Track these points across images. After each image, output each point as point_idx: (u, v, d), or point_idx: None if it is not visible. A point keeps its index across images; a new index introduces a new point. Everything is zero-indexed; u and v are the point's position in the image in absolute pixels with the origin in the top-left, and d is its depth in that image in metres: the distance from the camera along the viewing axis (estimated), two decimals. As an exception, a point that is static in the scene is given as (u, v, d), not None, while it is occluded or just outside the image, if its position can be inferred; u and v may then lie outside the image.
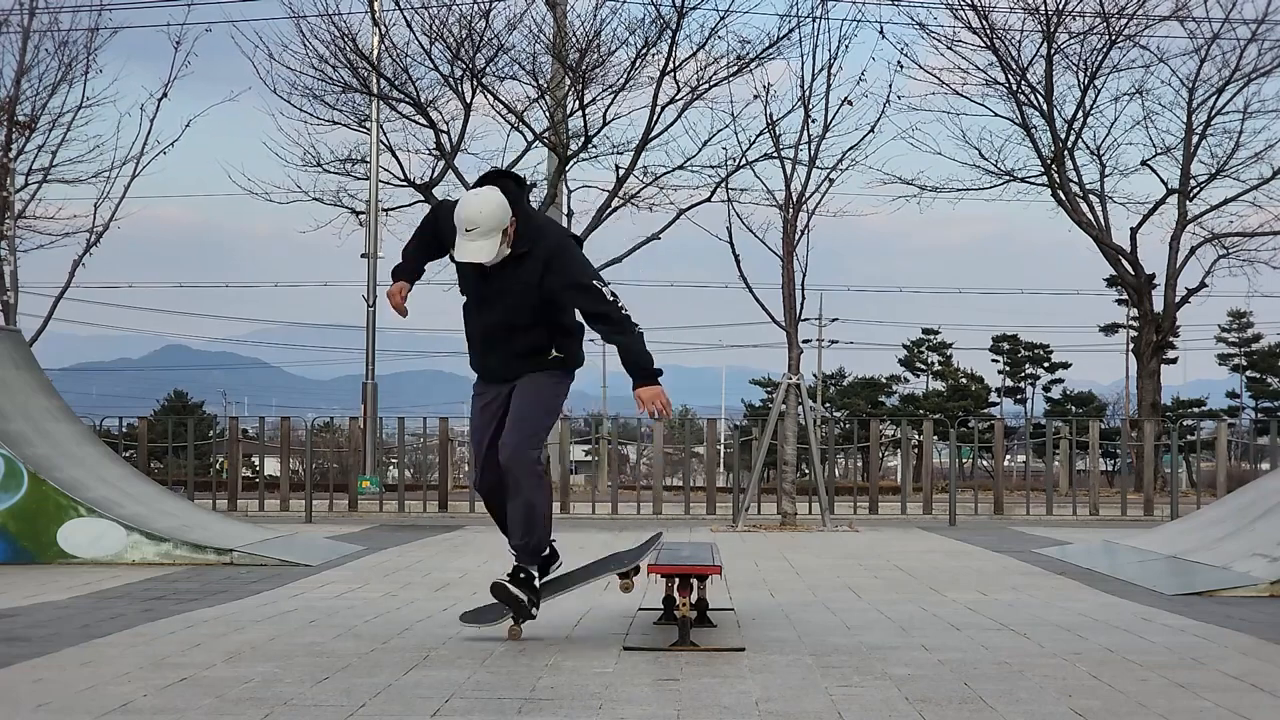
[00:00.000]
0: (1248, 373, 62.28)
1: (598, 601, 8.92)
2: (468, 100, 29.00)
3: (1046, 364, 62.79)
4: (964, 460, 29.21)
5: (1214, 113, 32.11)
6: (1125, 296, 43.12)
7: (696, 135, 49.52)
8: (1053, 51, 30.94)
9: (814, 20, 19.56)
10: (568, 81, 28.80)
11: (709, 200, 28.85)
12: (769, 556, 12.84)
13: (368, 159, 29.00)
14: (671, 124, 29.39)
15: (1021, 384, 63.59)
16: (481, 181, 6.91)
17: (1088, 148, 32.61)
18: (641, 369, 6.81)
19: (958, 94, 31.44)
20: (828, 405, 55.62)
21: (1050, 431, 26.57)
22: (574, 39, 28.32)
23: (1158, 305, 32.83)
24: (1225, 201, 32.72)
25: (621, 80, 28.92)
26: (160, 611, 8.33)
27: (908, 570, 11.48)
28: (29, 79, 26.43)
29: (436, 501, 21.28)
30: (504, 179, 6.89)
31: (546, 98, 29.51)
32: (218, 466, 28.74)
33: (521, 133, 29.97)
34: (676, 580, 7.04)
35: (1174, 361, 51.10)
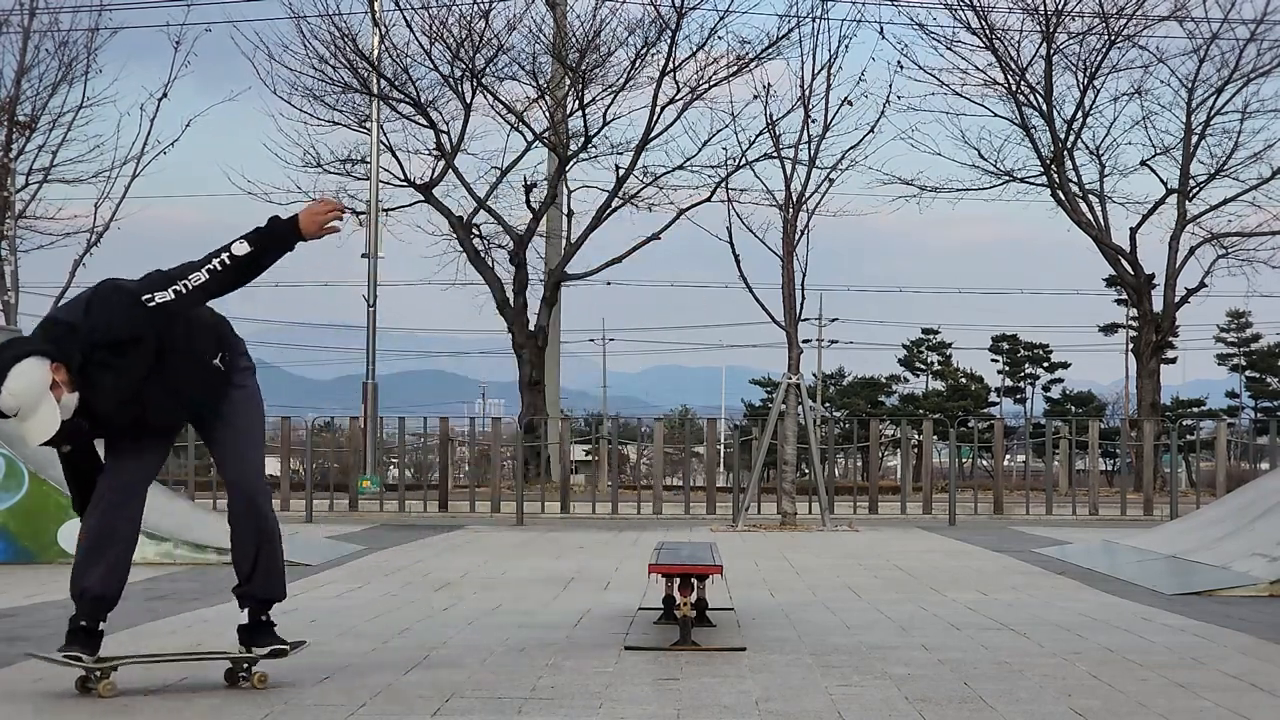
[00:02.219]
0: (1247, 373, 62.23)
1: (598, 601, 8.93)
2: (468, 100, 29.02)
3: (1046, 364, 62.72)
4: (964, 460, 29.21)
5: (1213, 113, 32.13)
6: (1125, 296, 43.13)
7: (696, 135, 49.50)
8: (1052, 52, 30.95)
9: (813, 20, 19.62)
10: (568, 81, 28.80)
11: (709, 200, 28.88)
12: (769, 556, 12.85)
13: (368, 159, 29.02)
14: (671, 124, 29.44)
15: (1021, 384, 63.53)
16: None
17: (1087, 148, 32.64)
18: (264, 231, 5.71)
19: (957, 94, 31.48)
20: (828, 405, 55.61)
21: (1050, 431, 26.56)
22: (574, 39, 28.34)
23: (1157, 305, 32.83)
24: (1224, 201, 32.74)
25: (621, 80, 28.96)
26: (161, 611, 8.34)
27: (908, 570, 11.49)
28: (29, 79, 26.49)
29: (436, 501, 21.28)
30: (21, 341, 5.69)
31: (546, 98, 29.53)
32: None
33: (521, 133, 30.00)
34: (677, 580, 7.04)
35: (1173, 361, 51.07)
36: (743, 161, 25.89)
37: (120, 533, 5.91)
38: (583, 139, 29.34)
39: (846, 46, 19.24)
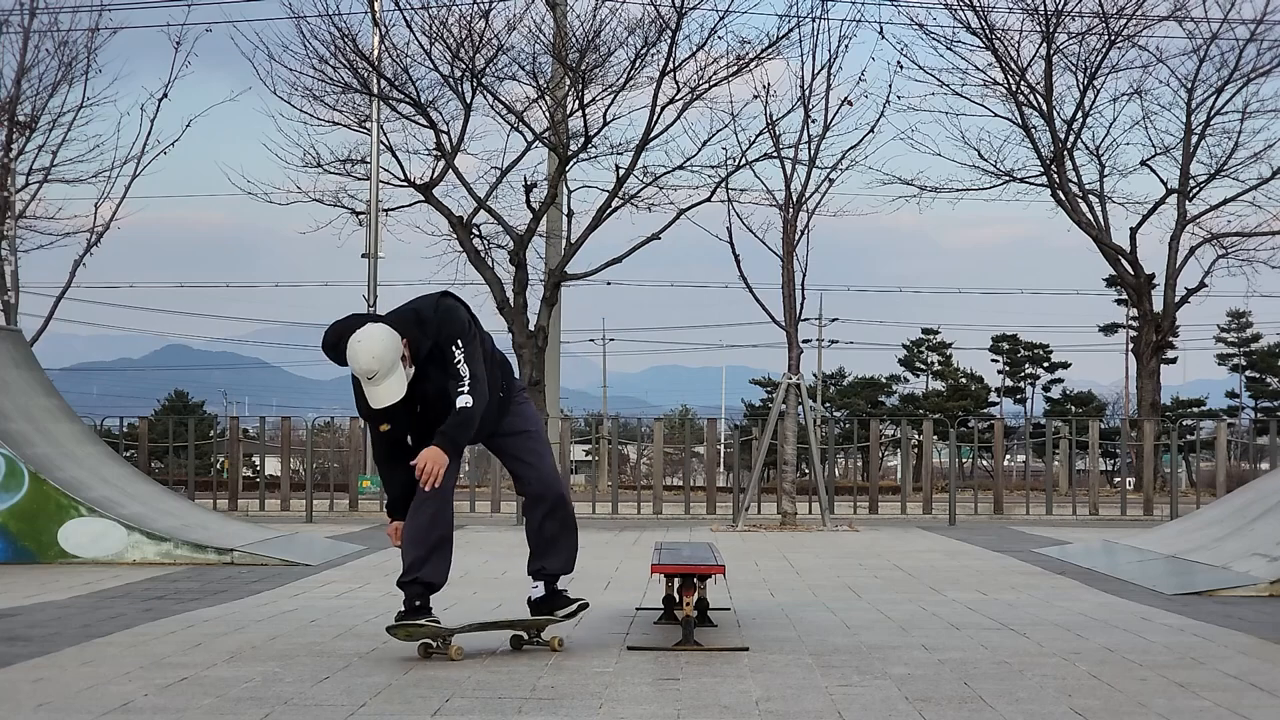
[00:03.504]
0: (1247, 373, 62.27)
1: (598, 601, 8.94)
2: (468, 100, 29.01)
3: (1046, 364, 62.78)
4: (964, 460, 29.21)
5: (1213, 113, 32.13)
6: (1125, 296, 43.13)
7: (696, 135, 49.56)
8: (1052, 52, 30.95)
9: (813, 20, 19.60)
10: (568, 81, 28.81)
11: (709, 200, 28.85)
12: (769, 556, 12.85)
13: (368, 159, 29.01)
14: (671, 124, 29.38)
15: (1021, 384, 63.58)
16: (345, 326, 6.44)
17: (1087, 148, 32.64)
18: (449, 433, 6.53)
19: (957, 94, 31.48)
20: (828, 405, 55.62)
21: (1050, 431, 26.56)
22: (574, 39, 28.33)
23: (1157, 305, 32.84)
24: (1224, 201, 32.76)
25: (621, 80, 28.93)
26: (161, 611, 8.33)
27: (908, 570, 11.49)
28: (29, 79, 26.45)
29: (436, 501, 21.28)
30: (367, 318, 6.58)
31: (546, 98, 29.53)
32: (218, 466, 28.73)
33: (521, 133, 29.97)
34: (678, 580, 7.04)
35: (1173, 361, 51.13)
36: (743, 161, 25.89)
37: (444, 535, 6.91)
38: (583, 139, 29.32)
39: (846, 46, 19.24)
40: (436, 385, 6.51)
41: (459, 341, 6.50)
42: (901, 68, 28.28)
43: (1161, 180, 32.95)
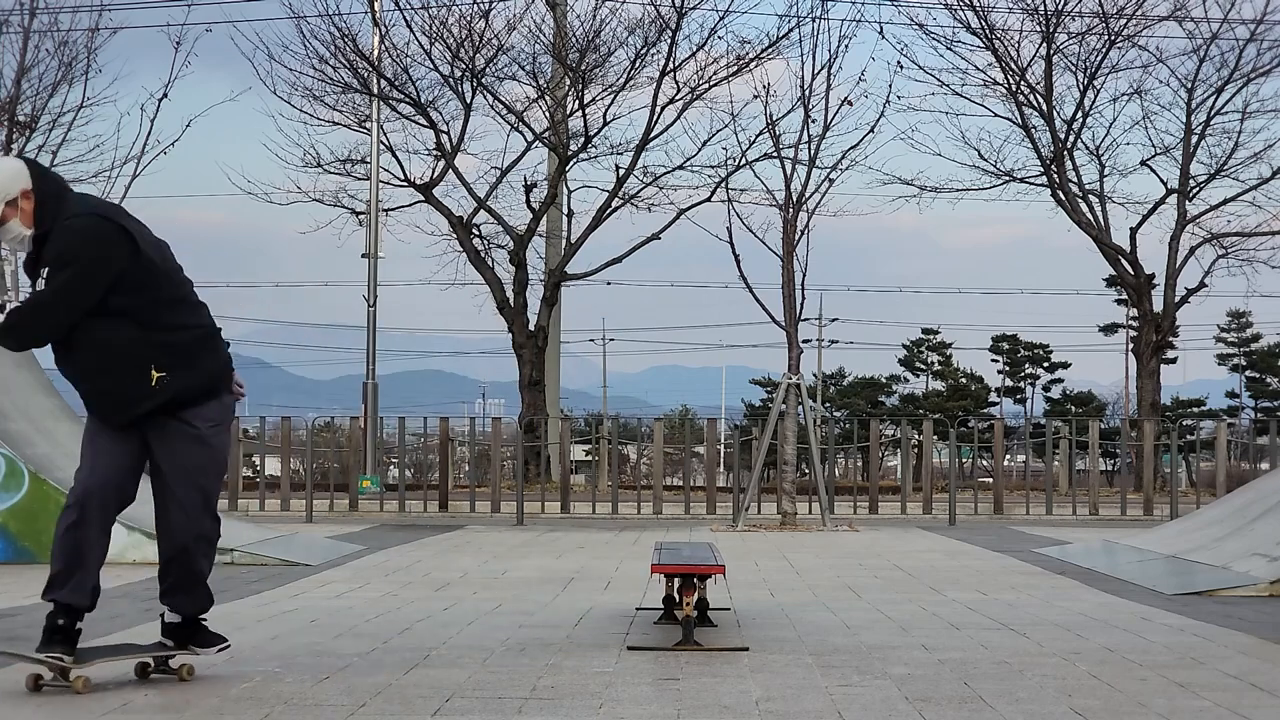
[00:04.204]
0: (1247, 373, 62.26)
1: (598, 601, 8.93)
2: (468, 100, 29.04)
3: (1046, 364, 62.76)
4: (964, 460, 29.21)
5: (1213, 113, 32.14)
6: (1125, 296, 43.14)
7: (696, 135, 49.60)
8: (1052, 52, 30.96)
9: (813, 20, 19.62)
10: (568, 81, 28.83)
11: (709, 200, 28.91)
12: (769, 556, 12.85)
13: (368, 159, 29.02)
14: (671, 124, 29.47)
15: (1021, 384, 63.56)
16: None
17: (1087, 148, 32.65)
18: None
19: (957, 94, 31.49)
20: (828, 405, 55.62)
21: (1050, 431, 26.56)
22: (574, 39, 28.36)
23: (1157, 305, 32.84)
24: (1224, 201, 32.76)
25: (621, 80, 28.99)
26: (159, 610, 8.31)
27: (908, 570, 11.49)
28: (29, 79, 26.47)
29: (436, 501, 21.28)
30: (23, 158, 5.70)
31: (546, 98, 29.56)
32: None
33: (521, 133, 30.01)
34: (678, 580, 7.03)
35: (1173, 361, 51.10)
36: (743, 161, 25.95)
37: (88, 556, 5.90)
38: (583, 139, 29.36)
39: (846, 46, 19.25)
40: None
41: (58, 265, 5.41)
42: (901, 68, 28.28)
43: (1161, 180, 32.99)
